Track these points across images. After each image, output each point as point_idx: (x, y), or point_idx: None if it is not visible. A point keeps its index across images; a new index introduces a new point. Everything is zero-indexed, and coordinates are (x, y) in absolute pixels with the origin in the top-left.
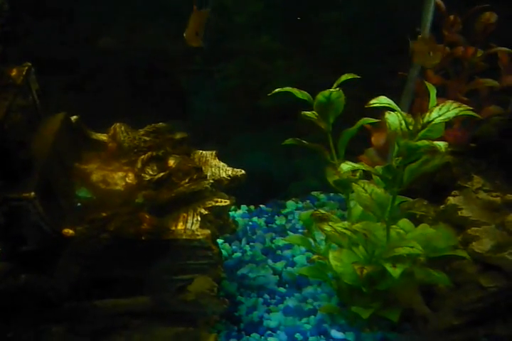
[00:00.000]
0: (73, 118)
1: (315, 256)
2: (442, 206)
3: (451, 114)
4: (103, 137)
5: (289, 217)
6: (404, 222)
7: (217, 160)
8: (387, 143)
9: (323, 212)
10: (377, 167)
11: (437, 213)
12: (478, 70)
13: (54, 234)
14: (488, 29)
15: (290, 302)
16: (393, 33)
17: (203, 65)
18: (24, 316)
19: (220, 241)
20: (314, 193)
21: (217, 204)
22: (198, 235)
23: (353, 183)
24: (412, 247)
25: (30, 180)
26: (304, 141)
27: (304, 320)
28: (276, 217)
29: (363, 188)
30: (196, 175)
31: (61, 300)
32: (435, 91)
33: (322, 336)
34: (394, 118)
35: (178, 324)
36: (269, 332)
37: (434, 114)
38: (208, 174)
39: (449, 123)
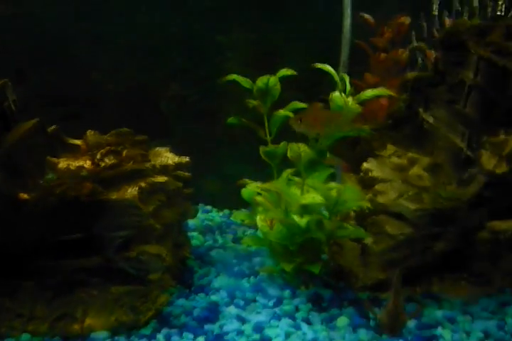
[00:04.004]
0: (52, 128)
1: (244, 218)
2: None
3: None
4: (78, 142)
5: None
6: (315, 181)
7: (168, 152)
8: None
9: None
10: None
11: (357, 179)
12: (402, 66)
13: (11, 197)
14: (402, 30)
15: (237, 268)
16: None
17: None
18: None
19: (194, 233)
20: None
21: (156, 180)
22: (126, 195)
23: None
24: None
25: None
26: (243, 120)
27: (245, 280)
28: None
29: (298, 147)
30: (141, 158)
31: (27, 257)
32: (348, 78)
33: (259, 293)
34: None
35: (130, 282)
36: (214, 291)
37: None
38: (158, 161)
39: None
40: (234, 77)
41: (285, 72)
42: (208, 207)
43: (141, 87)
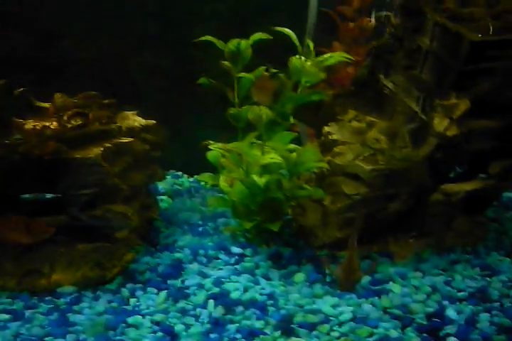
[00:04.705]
0: (19, 90)
1: (208, 180)
2: None
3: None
4: (46, 105)
5: None
6: (276, 143)
7: (135, 116)
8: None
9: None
10: None
11: (319, 143)
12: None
13: None
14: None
15: (201, 228)
16: None
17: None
18: None
19: (164, 197)
20: None
21: (121, 141)
22: (89, 154)
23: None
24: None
25: None
26: (212, 81)
27: (209, 239)
28: None
29: (259, 109)
30: (107, 120)
31: None
32: (312, 44)
33: (222, 251)
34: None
35: (97, 240)
36: (178, 249)
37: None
38: (124, 124)
39: None
40: (208, 38)
41: (259, 35)
42: (179, 173)
43: (112, 54)
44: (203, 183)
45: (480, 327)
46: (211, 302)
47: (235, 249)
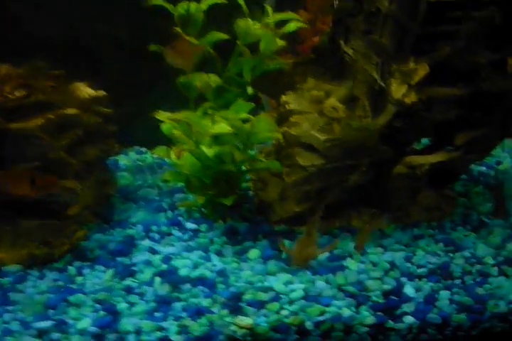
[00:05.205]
0: None
1: (163, 153)
2: None
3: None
4: None
5: None
6: (230, 113)
7: (87, 88)
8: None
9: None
10: None
11: (276, 114)
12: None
13: None
14: None
15: (156, 204)
16: None
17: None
18: None
19: (124, 173)
20: None
21: (66, 112)
22: (28, 125)
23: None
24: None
25: None
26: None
27: (162, 215)
28: None
29: (208, 77)
30: (52, 91)
31: None
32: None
33: (175, 227)
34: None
35: (44, 217)
36: (130, 226)
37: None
38: (73, 95)
39: None
40: (157, 1)
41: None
42: (143, 149)
43: (70, 27)
44: (167, 159)
45: (439, 305)
46: (157, 279)
47: (190, 225)
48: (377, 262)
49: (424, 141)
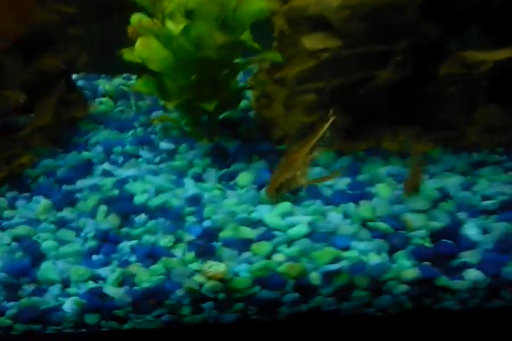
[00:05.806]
0: None
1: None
2: None
3: None
4: None
5: None
6: None
7: None
8: None
9: None
10: None
11: None
12: None
13: None
14: None
15: (126, 122)
16: None
17: None
18: None
19: (104, 98)
20: None
21: None
22: None
23: None
24: None
25: None
26: None
27: (131, 133)
28: None
29: None
30: None
31: None
32: None
33: (145, 147)
34: None
35: None
36: (88, 147)
37: None
38: None
39: None
40: None
41: None
42: (133, 77)
43: None
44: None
45: None
46: (103, 208)
47: (164, 145)
48: (421, 189)
49: None
